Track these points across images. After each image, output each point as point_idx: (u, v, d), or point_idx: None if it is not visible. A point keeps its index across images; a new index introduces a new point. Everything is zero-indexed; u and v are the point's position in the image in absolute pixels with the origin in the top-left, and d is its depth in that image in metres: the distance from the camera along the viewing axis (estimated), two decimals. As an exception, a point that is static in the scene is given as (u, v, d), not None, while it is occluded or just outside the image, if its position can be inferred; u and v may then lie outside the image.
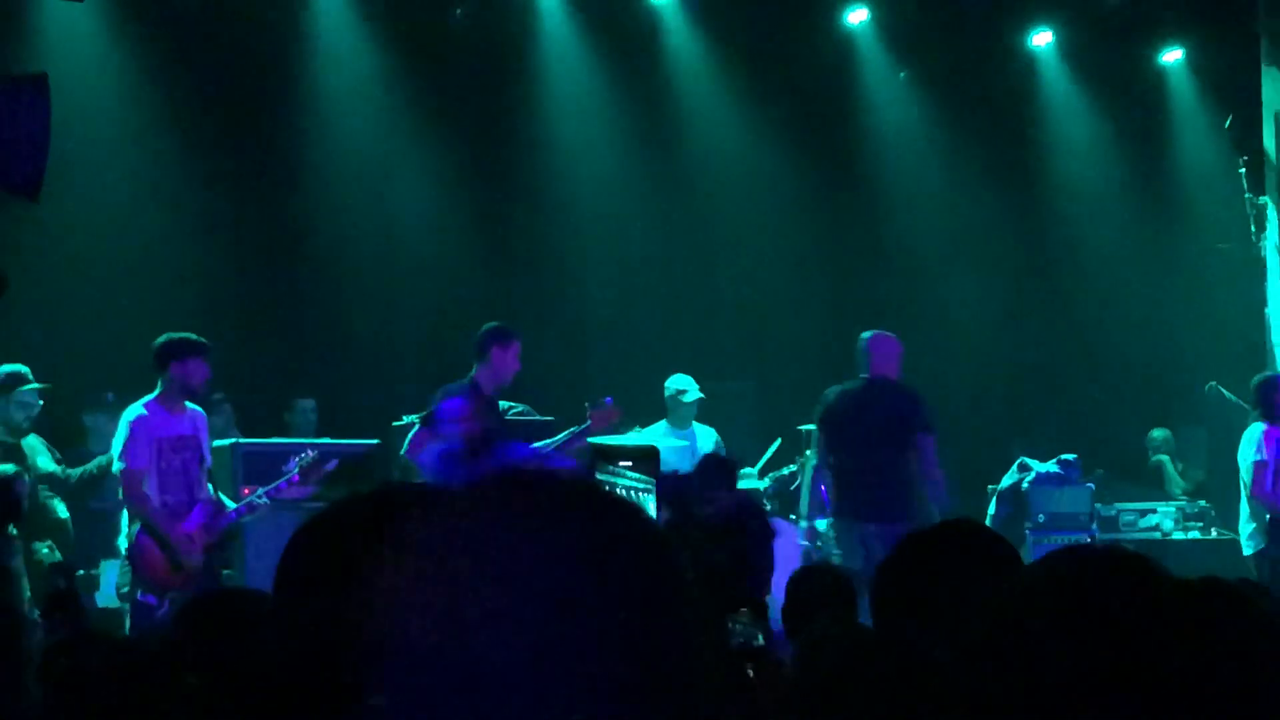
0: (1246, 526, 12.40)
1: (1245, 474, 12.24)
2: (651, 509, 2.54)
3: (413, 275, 15.75)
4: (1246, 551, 12.29)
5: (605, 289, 16.39)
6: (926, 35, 17.00)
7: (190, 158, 14.67)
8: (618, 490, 2.69)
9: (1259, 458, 12.10)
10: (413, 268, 15.76)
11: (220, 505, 10.37)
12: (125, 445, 10.08)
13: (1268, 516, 12.12)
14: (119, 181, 14.30)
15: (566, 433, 11.08)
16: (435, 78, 15.75)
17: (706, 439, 13.55)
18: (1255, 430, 12.24)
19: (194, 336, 10.27)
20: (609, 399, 11.27)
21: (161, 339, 10.28)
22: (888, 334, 12.03)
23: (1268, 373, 12.61)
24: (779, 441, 13.88)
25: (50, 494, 11.27)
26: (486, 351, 10.90)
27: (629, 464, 2.43)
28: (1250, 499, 12.32)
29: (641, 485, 2.46)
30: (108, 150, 14.15)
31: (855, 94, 17.57)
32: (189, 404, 10.34)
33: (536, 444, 10.77)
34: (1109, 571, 1.73)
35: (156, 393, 10.20)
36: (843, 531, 11.54)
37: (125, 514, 10.27)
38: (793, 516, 13.19)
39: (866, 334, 12.05)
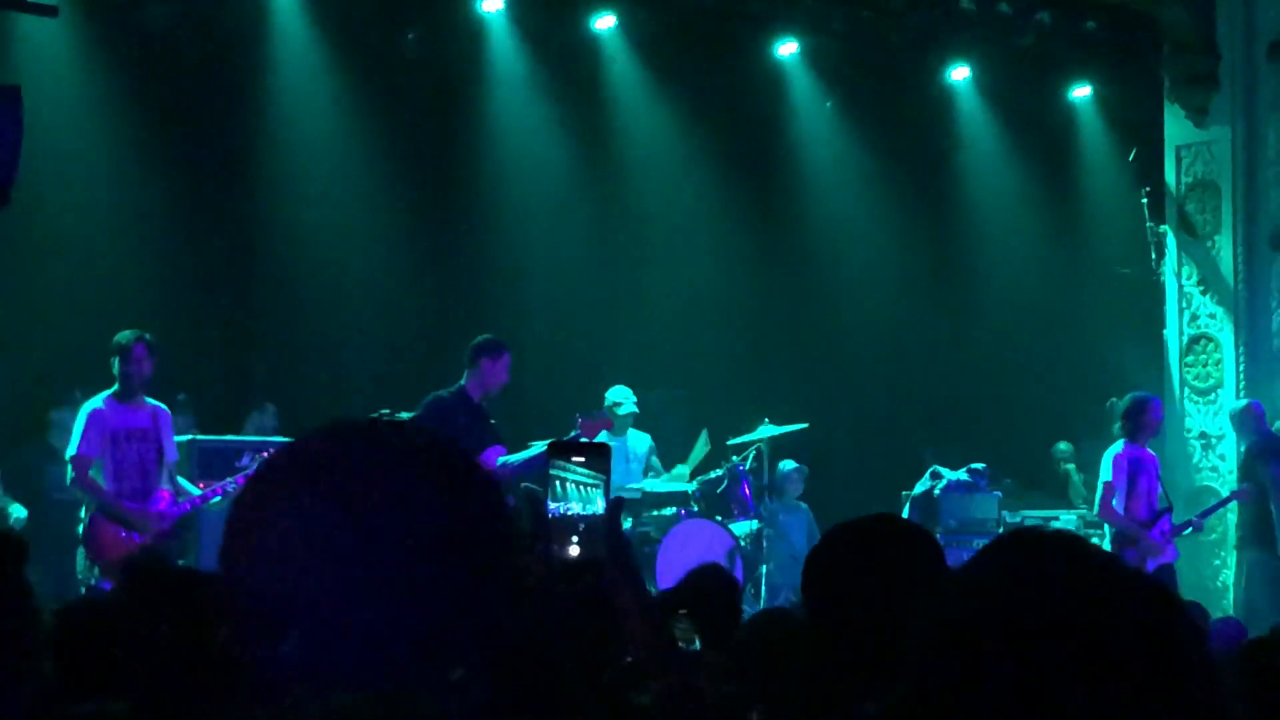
0: (1107, 537, 12.62)
1: (1098, 492, 12.42)
2: (600, 503, 2.59)
3: (363, 286, 15.76)
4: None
5: (543, 300, 16.44)
6: (852, 68, 17.14)
7: (153, 169, 14.64)
8: (568, 485, 2.72)
9: (1108, 479, 12.24)
10: (363, 278, 15.76)
11: (182, 493, 10.38)
12: (77, 434, 10.17)
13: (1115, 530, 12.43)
14: (86, 190, 14.26)
15: (547, 442, 11.19)
16: (387, 97, 15.78)
17: (639, 442, 13.66)
18: (1114, 449, 12.36)
19: (132, 331, 10.30)
20: (596, 411, 11.51)
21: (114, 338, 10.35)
22: None
23: (1139, 393, 12.68)
24: (705, 434, 13.95)
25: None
26: (477, 361, 11.05)
27: (581, 459, 2.47)
28: (1098, 515, 12.60)
29: (590, 480, 2.51)
30: (74, 159, 14.08)
31: (784, 121, 17.69)
32: (150, 400, 10.37)
33: (527, 450, 10.84)
34: (1055, 553, 1.74)
35: (114, 389, 10.25)
36: None
37: (84, 505, 10.28)
38: (719, 519, 13.29)
39: None
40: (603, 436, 13.07)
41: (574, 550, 2.68)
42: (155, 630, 3.71)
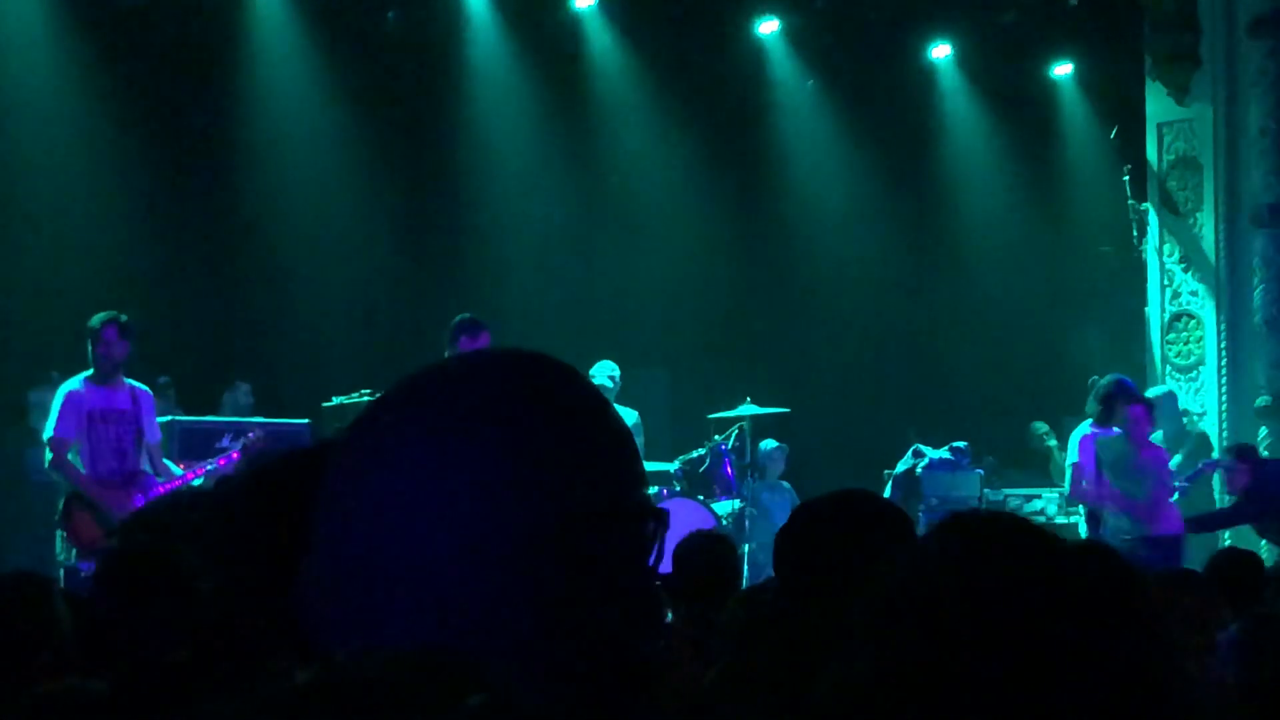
0: (1083, 515, 12.60)
1: (1067, 474, 12.40)
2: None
3: (342, 264, 15.69)
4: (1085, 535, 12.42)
5: (524, 278, 16.38)
6: (833, 46, 17.09)
7: (131, 146, 14.57)
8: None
9: (1077, 460, 12.21)
10: (342, 257, 15.70)
11: (164, 473, 10.32)
12: (54, 416, 10.08)
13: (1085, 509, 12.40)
14: (63, 170, 14.16)
15: None
16: (367, 76, 15.70)
17: (626, 418, 13.60)
18: (1081, 430, 12.33)
19: (109, 312, 10.22)
20: None
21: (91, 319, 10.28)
22: None
23: (1117, 375, 12.64)
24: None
25: None
26: (456, 340, 11.04)
27: None
28: (1070, 496, 12.59)
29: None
30: (50, 140, 14.01)
31: (765, 98, 17.66)
32: (130, 380, 10.30)
33: None
34: (1000, 535, 1.71)
35: (91, 369, 10.18)
36: None
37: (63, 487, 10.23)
38: (701, 498, 13.25)
39: None
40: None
41: None
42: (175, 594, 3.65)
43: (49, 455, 10.13)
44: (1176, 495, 12.98)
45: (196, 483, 10.42)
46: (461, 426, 1.41)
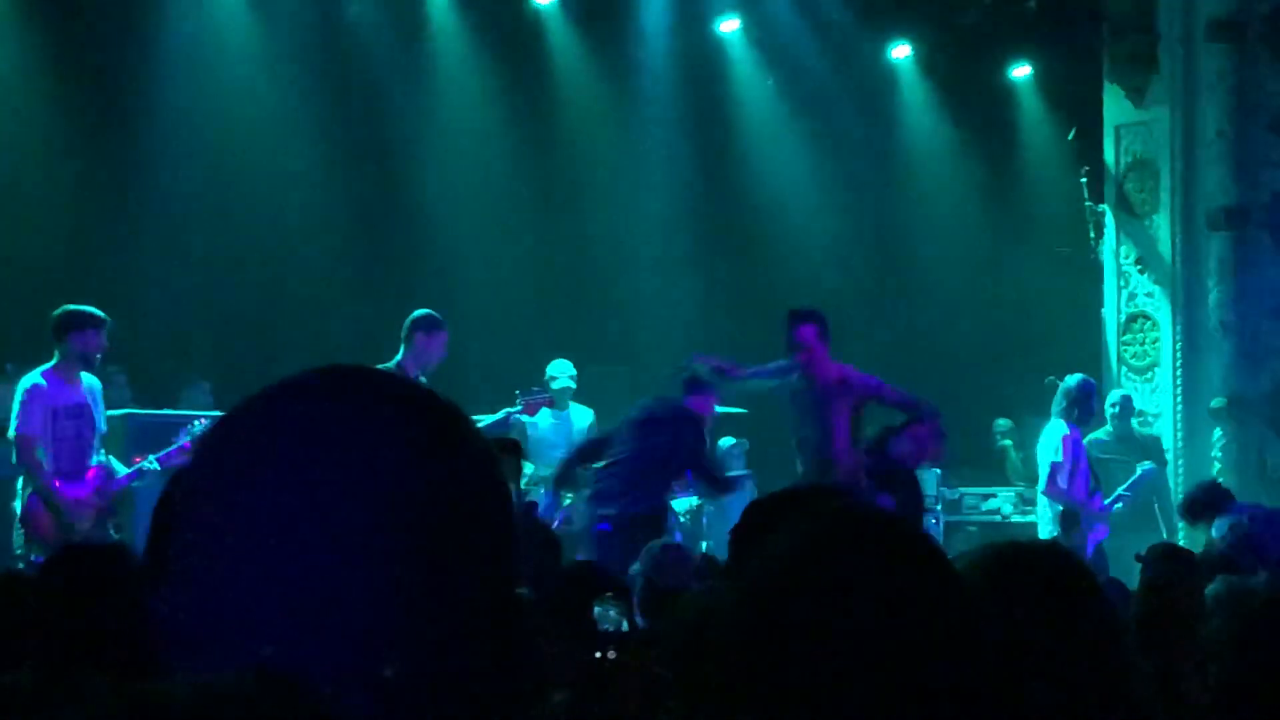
0: (1044, 514, 12.60)
1: (1043, 471, 12.40)
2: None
3: (298, 261, 15.59)
4: (1044, 534, 12.42)
5: (484, 276, 16.32)
6: (793, 45, 17.08)
7: (84, 132, 14.48)
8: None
9: (1058, 459, 12.23)
10: (298, 253, 15.60)
11: (111, 471, 10.23)
12: (19, 412, 9.95)
13: (1059, 508, 12.36)
14: (11, 157, 14.04)
15: (501, 413, 11.28)
16: (326, 65, 15.61)
17: (582, 417, 13.57)
18: (1058, 430, 12.34)
19: (92, 309, 10.15)
20: (537, 389, 11.57)
21: (61, 310, 10.15)
22: None
23: (1083, 375, 12.67)
24: None
25: None
26: (412, 337, 10.99)
27: None
28: (1041, 494, 12.58)
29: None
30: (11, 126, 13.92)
31: (726, 97, 17.63)
32: (83, 374, 10.20)
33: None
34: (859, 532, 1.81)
35: (53, 362, 10.07)
36: None
37: (21, 479, 10.12)
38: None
39: None
40: (544, 413, 13.03)
41: None
42: (75, 606, 3.62)
43: (15, 453, 10.01)
44: (1120, 505, 13.06)
45: (150, 466, 10.35)
46: (313, 444, 1.36)
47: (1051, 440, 12.33)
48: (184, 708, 1.19)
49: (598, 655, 3.95)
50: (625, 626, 4.81)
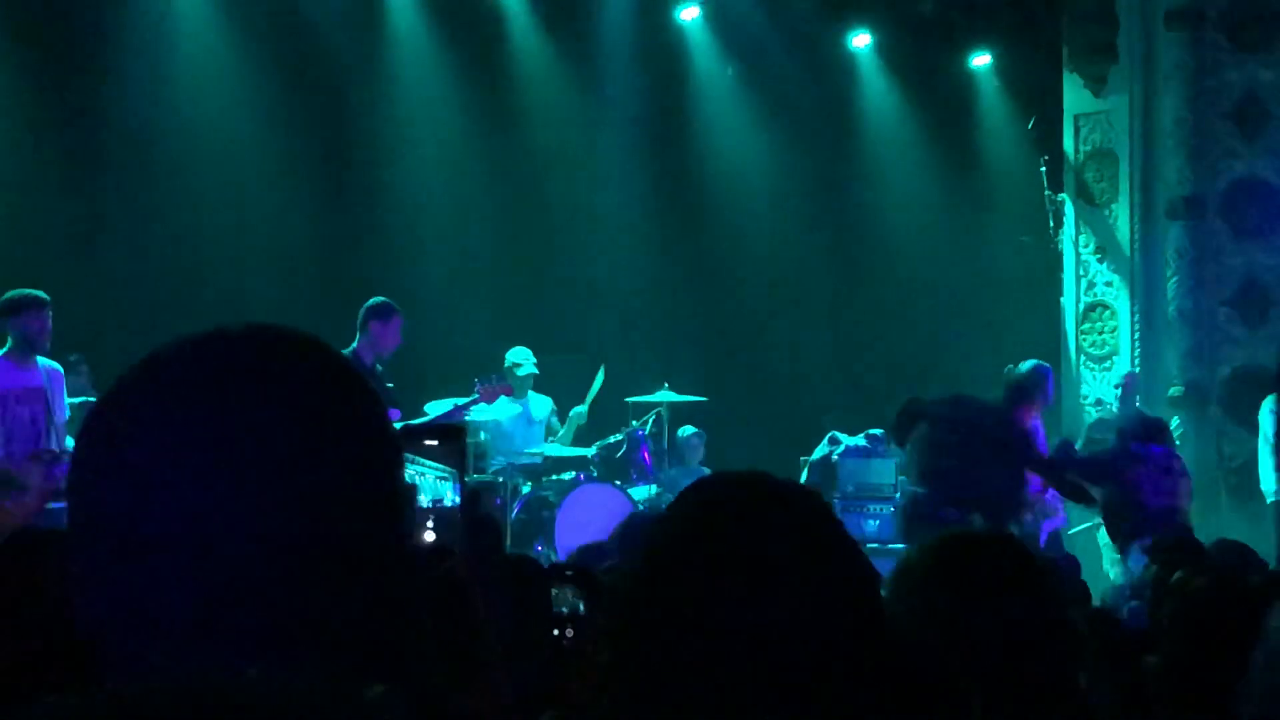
0: None
1: None
2: (452, 494, 2.48)
3: (257, 247, 15.50)
4: None
5: (443, 263, 16.27)
6: (754, 33, 17.07)
7: (47, 127, 14.37)
8: (416, 477, 2.63)
9: None
10: (258, 239, 15.52)
11: (68, 454, 10.16)
12: None
13: None
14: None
15: (451, 402, 11.28)
16: (286, 51, 15.53)
17: (540, 405, 13.57)
18: None
19: (32, 290, 10.07)
20: (495, 376, 11.56)
21: (3, 297, 10.09)
22: None
23: (1035, 361, 12.62)
24: (602, 369, 13.81)
25: None
26: (366, 325, 11.05)
27: (434, 443, 2.35)
28: None
29: (440, 471, 2.39)
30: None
31: (686, 85, 17.61)
32: (42, 360, 10.13)
33: (424, 416, 10.81)
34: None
35: (5, 348, 10.01)
36: None
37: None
38: (618, 483, 13.21)
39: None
40: (502, 400, 13.00)
41: (429, 536, 2.62)
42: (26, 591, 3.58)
43: None
44: None
45: None
46: (208, 406, 1.36)
47: None
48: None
49: (555, 633, 4.03)
50: (581, 609, 4.86)
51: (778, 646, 1.68)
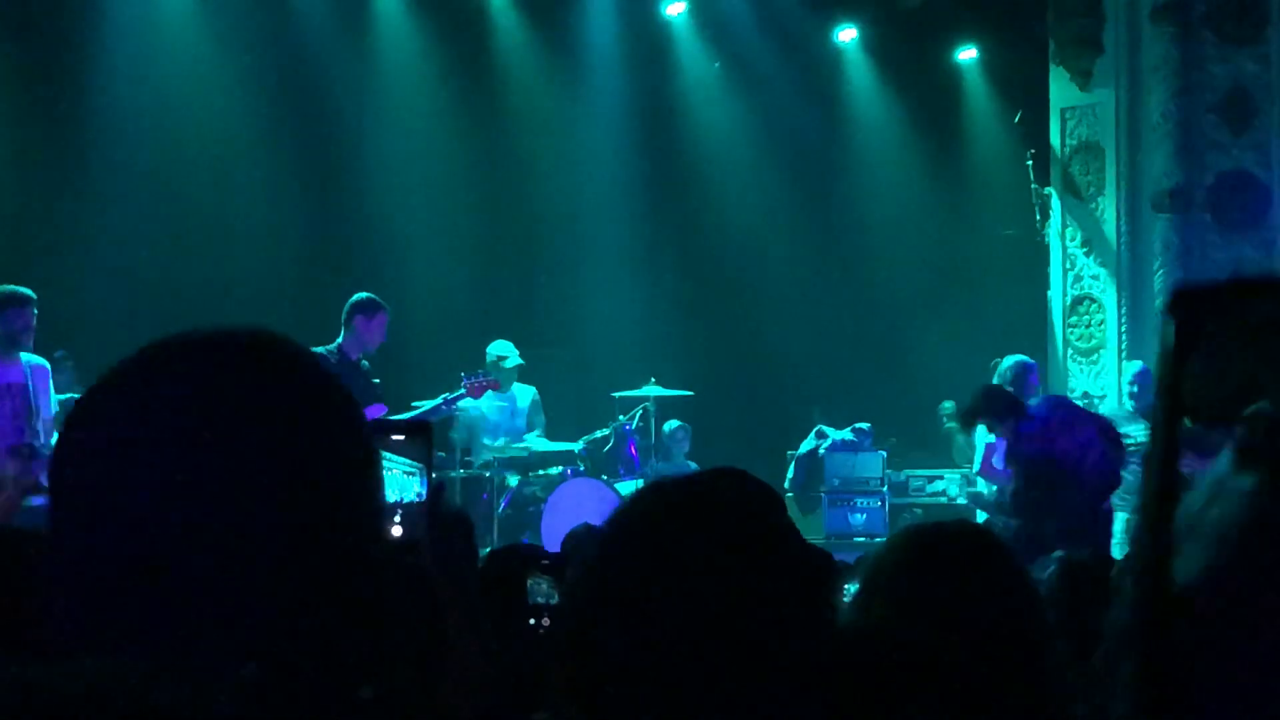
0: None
1: (978, 451, 12.45)
2: (418, 489, 2.51)
3: (242, 241, 15.49)
4: (982, 515, 12.46)
5: (428, 257, 16.26)
6: (740, 28, 17.08)
7: (32, 121, 14.36)
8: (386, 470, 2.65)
9: (990, 439, 12.28)
10: (243, 234, 15.50)
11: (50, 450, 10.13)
12: None
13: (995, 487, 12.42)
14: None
15: (440, 398, 11.28)
16: (269, 51, 15.52)
17: (524, 395, 13.56)
18: None
19: (16, 288, 10.05)
20: (481, 373, 11.59)
21: None
22: None
23: (1020, 356, 12.63)
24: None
25: None
26: (351, 320, 11.02)
27: (400, 438, 2.36)
28: (975, 474, 12.65)
29: (407, 467, 2.41)
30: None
31: (672, 79, 17.61)
32: (26, 355, 10.11)
33: (412, 410, 10.81)
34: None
35: None
36: None
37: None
38: (604, 478, 13.22)
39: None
40: (489, 395, 13.01)
41: (395, 531, 2.65)
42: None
43: None
44: None
45: None
46: (193, 410, 1.36)
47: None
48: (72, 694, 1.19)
49: (532, 623, 4.10)
50: (555, 599, 4.92)
51: (723, 638, 1.71)
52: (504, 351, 13.36)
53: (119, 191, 14.90)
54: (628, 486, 13.23)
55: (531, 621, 4.06)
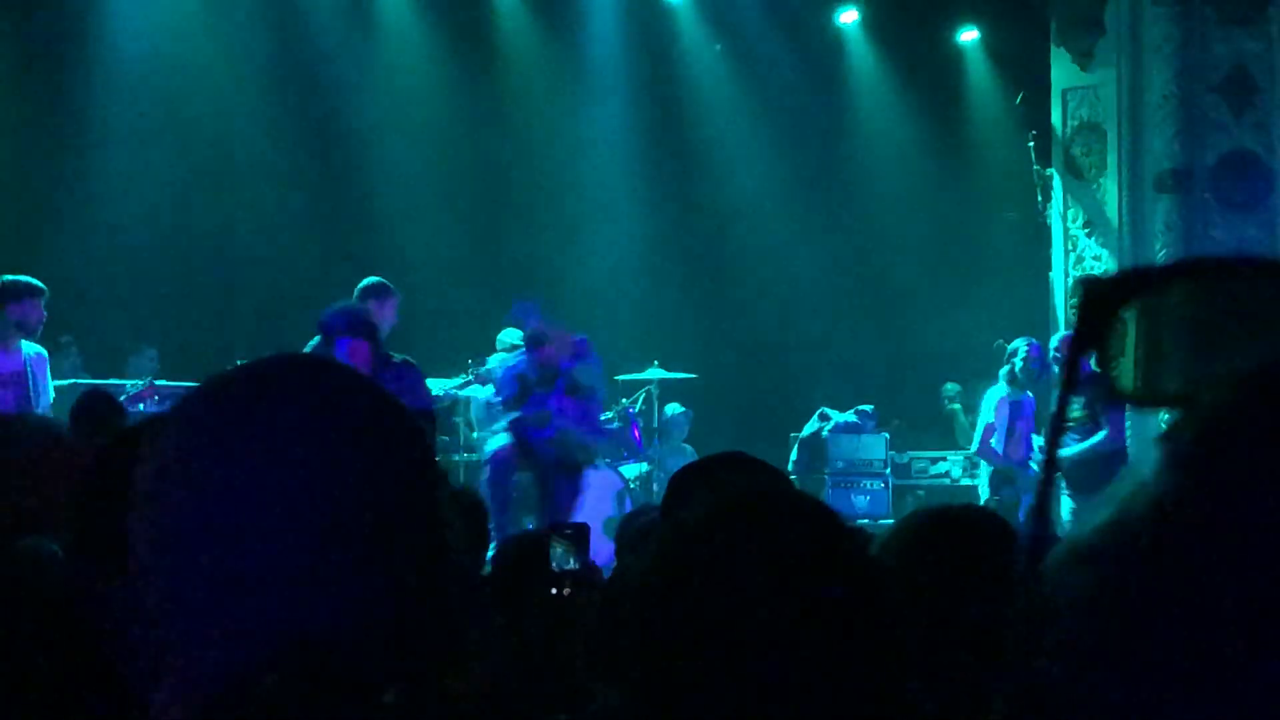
0: (984, 477, 12.77)
1: (977, 433, 12.62)
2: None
3: (248, 229, 15.55)
4: (984, 496, 12.60)
5: (432, 242, 16.30)
6: (741, 10, 17.10)
7: (33, 101, 14.39)
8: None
9: (989, 420, 12.45)
10: (247, 221, 15.56)
11: None
12: None
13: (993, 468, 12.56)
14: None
15: (459, 378, 11.29)
16: (275, 35, 15.55)
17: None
18: (995, 393, 12.55)
19: (30, 279, 10.14)
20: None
21: (3, 279, 10.15)
22: None
23: (1028, 338, 12.78)
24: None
25: None
26: (364, 304, 10.92)
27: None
28: (974, 455, 12.79)
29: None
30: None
31: (674, 63, 17.64)
32: (26, 344, 10.19)
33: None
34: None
35: None
36: None
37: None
38: (608, 461, 13.26)
39: None
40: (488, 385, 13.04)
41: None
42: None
43: None
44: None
45: None
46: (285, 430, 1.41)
47: (988, 402, 12.53)
48: None
49: (554, 591, 4.14)
50: (574, 564, 4.99)
51: (788, 645, 1.78)
52: (515, 340, 13.39)
53: (121, 173, 14.94)
54: (632, 470, 13.29)
55: (554, 590, 4.12)
